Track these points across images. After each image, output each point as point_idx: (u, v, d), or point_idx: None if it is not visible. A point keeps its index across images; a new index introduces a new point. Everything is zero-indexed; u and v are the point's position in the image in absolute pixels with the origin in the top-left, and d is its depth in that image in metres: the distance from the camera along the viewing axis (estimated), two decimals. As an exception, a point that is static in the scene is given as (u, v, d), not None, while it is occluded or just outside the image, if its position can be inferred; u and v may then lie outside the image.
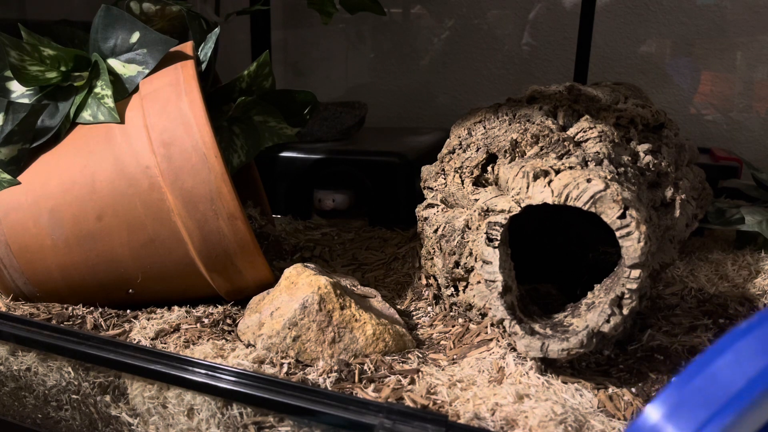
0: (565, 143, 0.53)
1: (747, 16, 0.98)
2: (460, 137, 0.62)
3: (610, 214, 0.43)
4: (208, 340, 0.51)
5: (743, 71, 1.00)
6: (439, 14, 1.14)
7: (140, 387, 0.46)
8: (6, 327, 0.49)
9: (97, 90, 0.57)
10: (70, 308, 0.57)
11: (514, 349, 0.49)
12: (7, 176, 0.56)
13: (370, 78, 1.21)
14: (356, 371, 0.47)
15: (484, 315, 0.54)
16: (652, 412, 0.20)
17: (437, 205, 0.60)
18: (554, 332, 0.45)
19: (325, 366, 0.47)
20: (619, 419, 0.41)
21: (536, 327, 0.46)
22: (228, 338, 0.53)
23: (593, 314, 0.44)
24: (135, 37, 0.59)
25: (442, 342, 0.53)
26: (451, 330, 0.55)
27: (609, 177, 0.46)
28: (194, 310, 0.57)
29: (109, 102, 0.56)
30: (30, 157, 0.58)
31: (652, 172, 0.55)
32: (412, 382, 0.46)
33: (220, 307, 0.58)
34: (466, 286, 0.55)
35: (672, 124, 0.61)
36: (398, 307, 0.60)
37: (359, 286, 0.58)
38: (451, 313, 0.58)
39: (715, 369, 0.20)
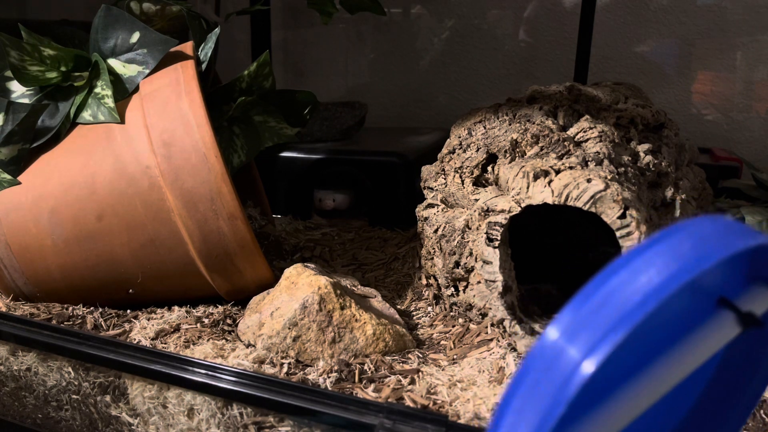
0: (565, 143, 0.53)
1: (747, 16, 0.98)
2: (460, 137, 0.62)
3: (610, 214, 0.43)
4: (208, 340, 0.51)
5: (743, 71, 1.00)
6: (439, 14, 1.14)
7: (140, 387, 0.46)
8: (6, 327, 0.49)
9: (98, 90, 0.57)
10: (71, 308, 0.57)
11: (514, 349, 0.49)
12: (8, 176, 0.56)
13: (370, 78, 1.21)
14: (356, 371, 0.47)
15: (484, 315, 0.54)
16: (551, 333, 0.20)
17: (437, 205, 0.60)
18: (554, 332, 0.45)
19: (325, 366, 0.47)
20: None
21: (536, 327, 0.46)
22: (228, 338, 0.53)
23: (593, 314, 0.44)
24: (135, 37, 0.59)
25: (442, 342, 0.53)
26: (451, 330, 0.55)
27: (609, 177, 0.46)
28: (194, 310, 0.57)
29: (110, 102, 0.56)
30: (30, 157, 0.58)
31: (652, 172, 0.55)
32: (412, 382, 0.46)
33: (220, 307, 0.58)
34: (466, 286, 0.55)
35: (672, 124, 0.61)
36: (398, 307, 0.60)
37: (359, 286, 0.58)
38: (451, 313, 0.58)
39: (612, 286, 0.20)
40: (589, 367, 0.18)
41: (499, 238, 0.47)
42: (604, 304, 0.19)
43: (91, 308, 0.57)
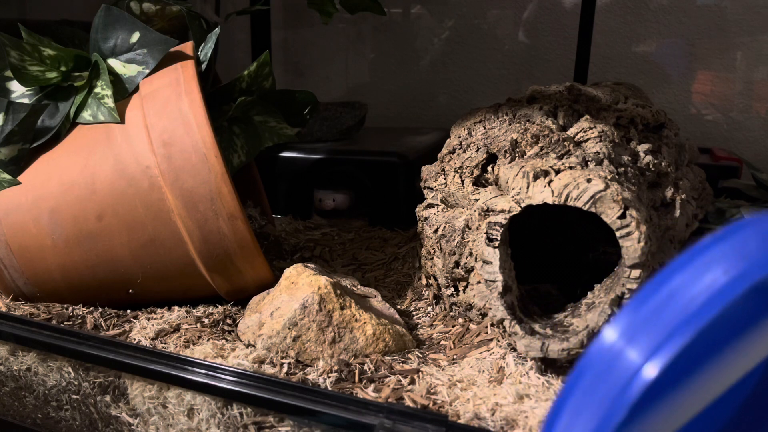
0: (565, 143, 0.53)
1: (747, 15, 0.98)
2: (460, 137, 0.62)
3: (610, 214, 0.43)
4: (208, 340, 0.51)
5: (743, 71, 1.00)
6: (439, 14, 1.14)
7: (140, 387, 0.46)
8: (6, 327, 0.49)
9: (97, 90, 0.57)
10: (70, 308, 0.57)
11: (514, 349, 0.49)
12: (8, 176, 0.56)
13: (370, 78, 1.21)
14: (356, 371, 0.47)
15: (484, 315, 0.54)
16: (610, 334, 0.19)
17: (437, 205, 0.60)
18: (554, 332, 0.45)
19: (325, 366, 0.47)
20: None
21: (536, 327, 0.46)
22: (228, 338, 0.53)
23: (593, 314, 0.44)
24: (135, 37, 0.59)
25: (442, 342, 0.53)
26: (451, 330, 0.55)
27: (609, 177, 0.46)
28: (194, 310, 0.57)
29: (109, 102, 0.56)
30: (30, 157, 0.58)
31: (652, 172, 0.55)
32: (412, 382, 0.46)
33: (220, 307, 0.58)
34: (466, 286, 0.55)
35: (672, 124, 0.61)
36: (398, 307, 0.60)
37: (359, 286, 0.58)
38: (451, 313, 0.58)
39: (675, 286, 0.19)
40: (651, 371, 0.18)
41: (499, 238, 0.47)
42: (665, 305, 0.18)
43: (91, 308, 0.57)
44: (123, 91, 0.58)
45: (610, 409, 0.18)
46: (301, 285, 0.52)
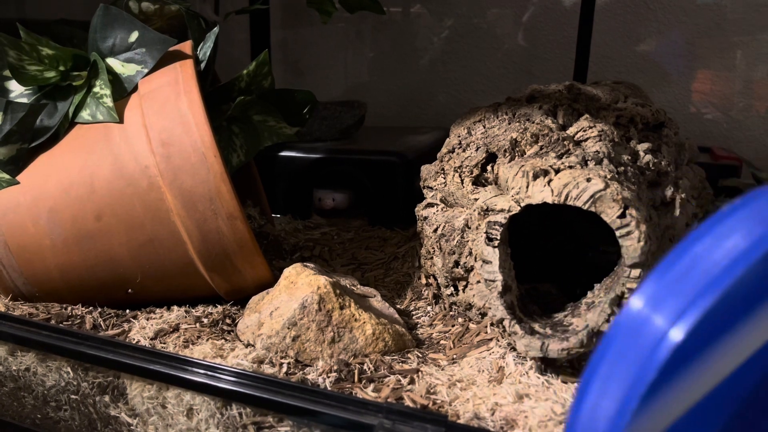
0: (565, 142, 0.53)
1: (747, 14, 0.98)
2: (459, 136, 0.62)
3: (609, 214, 0.43)
4: (207, 340, 0.51)
5: (743, 70, 1.00)
6: (439, 13, 1.14)
7: (139, 387, 0.46)
8: (5, 327, 0.49)
9: (96, 89, 0.57)
10: (69, 308, 0.57)
11: (513, 349, 0.49)
12: (6, 176, 0.56)
13: (369, 77, 1.21)
14: (356, 371, 0.47)
15: (483, 314, 0.54)
16: (636, 302, 0.20)
17: (437, 204, 0.60)
18: (554, 332, 0.45)
19: (324, 366, 0.47)
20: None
21: (536, 326, 0.46)
22: (227, 338, 0.53)
23: (593, 314, 0.44)
24: (134, 36, 0.58)
25: (442, 342, 0.53)
26: (450, 330, 0.55)
27: (609, 176, 0.46)
28: (193, 310, 0.57)
29: (108, 101, 0.56)
30: (29, 156, 0.58)
31: (651, 171, 0.55)
32: (412, 381, 0.46)
33: (219, 306, 0.58)
34: (465, 286, 0.55)
35: (672, 123, 0.61)
36: (398, 306, 0.60)
37: (359, 286, 0.58)
38: (451, 313, 0.57)
39: (696, 253, 0.19)
40: (677, 334, 0.18)
41: (498, 237, 0.47)
42: (689, 271, 0.19)
43: (90, 308, 0.57)
44: (122, 91, 0.57)
45: (641, 372, 0.19)
46: (300, 285, 0.52)
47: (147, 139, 0.53)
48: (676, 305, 0.19)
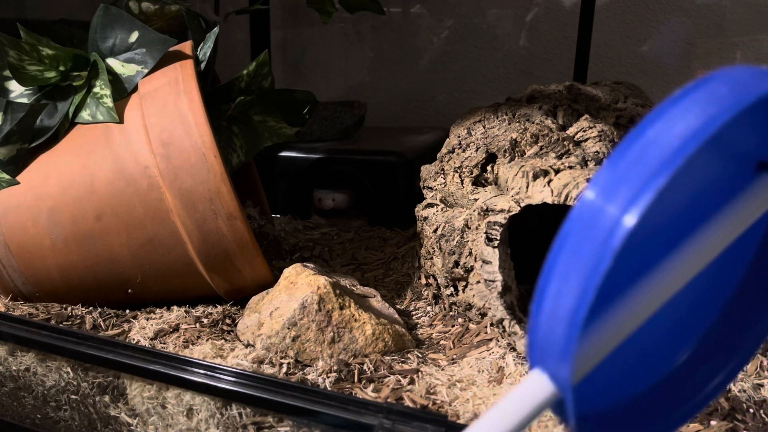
0: (565, 143, 0.53)
1: (747, 15, 0.98)
2: (459, 137, 0.62)
3: (609, 214, 0.43)
4: (207, 340, 0.51)
5: (743, 70, 1.00)
6: (439, 13, 1.14)
7: (139, 387, 0.46)
8: (5, 327, 0.49)
9: (96, 90, 0.57)
10: (69, 308, 0.57)
11: (513, 349, 0.49)
12: (6, 176, 0.56)
13: (369, 77, 1.21)
14: (356, 371, 0.47)
15: (483, 315, 0.54)
16: (589, 194, 0.19)
17: (437, 204, 0.60)
18: (554, 332, 0.45)
19: (324, 366, 0.47)
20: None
21: (536, 327, 0.46)
22: (227, 338, 0.53)
23: (593, 314, 0.44)
24: (134, 36, 0.58)
25: (442, 342, 0.53)
26: (450, 330, 0.55)
27: (609, 176, 0.46)
28: (193, 310, 0.57)
29: (108, 102, 0.56)
30: (29, 156, 0.58)
31: (651, 171, 0.55)
32: (412, 382, 0.46)
33: (219, 307, 0.58)
34: (465, 286, 0.55)
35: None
36: (398, 306, 0.60)
37: (359, 286, 0.58)
38: (451, 313, 0.57)
39: (649, 137, 0.19)
40: (630, 219, 0.17)
41: (498, 237, 0.47)
42: (641, 156, 0.18)
43: (90, 308, 0.57)
44: (122, 91, 0.57)
45: (595, 263, 0.18)
46: (300, 285, 0.52)
47: (147, 139, 0.53)
48: (628, 191, 0.18)
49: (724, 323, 0.26)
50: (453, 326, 0.55)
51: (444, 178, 0.60)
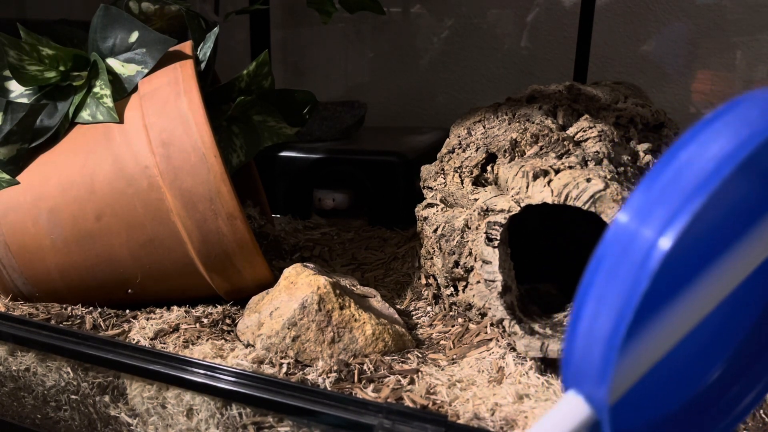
0: (565, 143, 0.53)
1: (747, 15, 0.98)
2: (459, 137, 0.62)
3: (609, 214, 0.43)
4: (207, 340, 0.51)
5: (743, 70, 1.00)
6: (439, 13, 1.14)
7: (139, 387, 0.46)
8: (5, 327, 0.49)
9: (96, 90, 0.57)
10: (69, 308, 0.57)
11: (513, 349, 0.49)
12: (6, 176, 0.56)
13: (369, 77, 1.21)
14: (356, 371, 0.47)
15: (483, 315, 0.54)
16: (622, 218, 0.19)
17: (437, 204, 0.60)
18: (554, 332, 0.45)
19: (324, 366, 0.47)
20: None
21: (536, 327, 0.46)
22: (227, 338, 0.53)
23: (593, 314, 0.44)
24: (134, 36, 0.58)
25: (442, 342, 0.53)
26: (450, 330, 0.55)
27: (609, 176, 0.46)
28: (193, 310, 0.57)
29: (108, 102, 0.56)
30: (29, 156, 0.58)
31: (651, 171, 0.55)
32: (412, 382, 0.46)
33: (219, 307, 0.58)
34: (465, 286, 0.55)
35: (672, 124, 0.61)
36: (398, 306, 0.60)
37: (359, 286, 0.58)
38: (451, 313, 0.57)
39: (682, 160, 0.19)
40: (666, 242, 0.18)
41: (498, 237, 0.47)
42: (675, 179, 0.18)
43: (90, 308, 0.57)
44: (122, 91, 0.57)
45: (633, 285, 0.18)
46: (300, 285, 0.52)
47: (147, 139, 0.53)
48: (663, 214, 0.18)
49: (754, 340, 0.26)
50: (453, 326, 0.55)
51: (444, 178, 0.60)
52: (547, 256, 0.61)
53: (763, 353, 0.26)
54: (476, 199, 0.54)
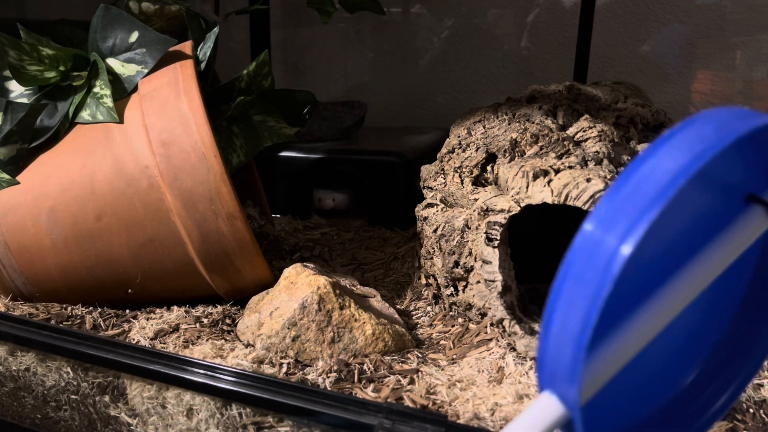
0: (565, 143, 0.53)
1: (747, 14, 0.98)
2: (459, 137, 0.62)
3: (609, 214, 0.43)
4: (207, 340, 0.51)
5: (743, 70, 1.00)
6: (439, 14, 1.14)
7: (139, 387, 0.46)
8: (5, 327, 0.49)
9: (96, 90, 0.57)
10: (69, 308, 0.57)
11: (513, 349, 0.49)
12: (6, 176, 0.56)
13: (369, 77, 1.21)
14: (356, 371, 0.47)
15: (483, 315, 0.54)
16: (588, 227, 0.21)
17: (437, 204, 0.60)
18: (554, 332, 0.45)
19: (324, 366, 0.47)
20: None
21: (536, 327, 0.46)
22: (227, 338, 0.53)
23: (593, 314, 0.44)
24: (134, 36, 0.59)
25: (442, 342, 0.53)
26: (450, 330, 0.55)
27: (609, 176, 0.46)
28: (193, 310, 0.57)
29: (108, 102, 0.56)
30: (29, 156, 0.58)
31: (651, 171, 0.55)
32: (412, 382, 0.46)
33: (219, 307, 0.58)
34: (465, 286, 0.55)
35: (672, 123, 0.61)
36: (398, 306, 0.60)
37: (359, 286, 0.58)
38: (451, 313, 0.57)
39: (641, 174, 0.21)
40: (627, 249, 0.19)
41: (498, 237, 0.47)
42: (635, 191, 0.20)
43: (90, 308, 0.57)
44: (122, 91, 0.57)
45: (597, 289, 0.20)
46: (300, 285, 0.52)
47: (147, 139, 0.53)
48: (624, 223, 0.20)
49: (727, 345, 0.28)
50: (453, 326, 0.55)
51: (444, 178, 0.60)
52: (547, 256, 0.61)
53: (737, 354, 0.28)
54: (476, 199, 0.54)
